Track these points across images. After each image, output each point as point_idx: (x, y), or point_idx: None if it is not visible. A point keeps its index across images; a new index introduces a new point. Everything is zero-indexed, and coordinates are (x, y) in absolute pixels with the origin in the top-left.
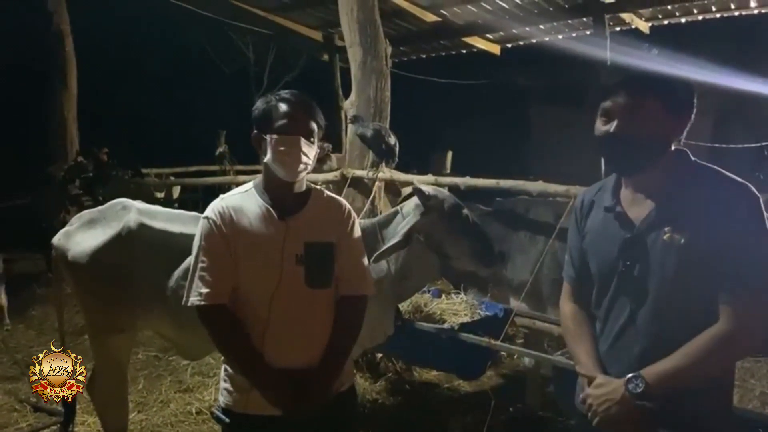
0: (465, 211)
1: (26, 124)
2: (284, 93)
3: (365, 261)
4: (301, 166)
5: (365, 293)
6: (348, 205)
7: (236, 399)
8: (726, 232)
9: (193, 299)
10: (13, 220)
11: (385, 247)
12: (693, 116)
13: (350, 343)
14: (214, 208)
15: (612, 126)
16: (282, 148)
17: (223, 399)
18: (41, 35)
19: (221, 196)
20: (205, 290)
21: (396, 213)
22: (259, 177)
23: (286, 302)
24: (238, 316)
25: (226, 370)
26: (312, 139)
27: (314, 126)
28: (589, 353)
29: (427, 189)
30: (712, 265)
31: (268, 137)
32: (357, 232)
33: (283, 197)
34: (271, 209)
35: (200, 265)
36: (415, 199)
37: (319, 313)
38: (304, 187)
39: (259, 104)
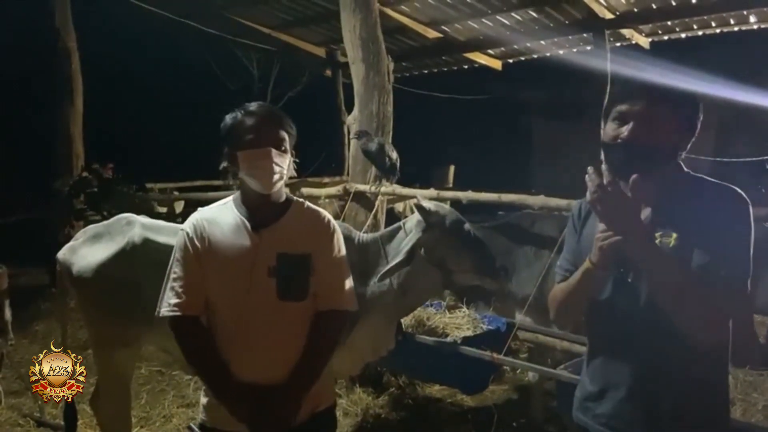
0: (466, 225)
1: (32, 140)
2: (249, 106)
3: (347, 275)
4: (276, 177)
5: (344, 308)
6: (330, 218)
7: (209, 415)
8: (715, 232)
9: (164, 310)
10: (18, 234)
11: (389, 266)
12: (697, 134)
13: (323, 360)
14: (189, 221)
15: (626, 130)
16: (254, 162)
17: (200, 414)
18: (48, 51)
19: (199, 209)
20: (175, 301)
21: (399, 228)
22: (239, 191)
23: (254, 315)
24: (208, 328)
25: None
26: (283, 148)
27: (283, 134)
28: None
29: (429, 205)
30: (700, 265)
31: (239, 154)
32: (338, 246)
33: (259, 209)
34: (246, 221)
35: (173, 276)
36: (416, 215)
37: (291, 328)
38: (283, 198)
39: (227, 120)
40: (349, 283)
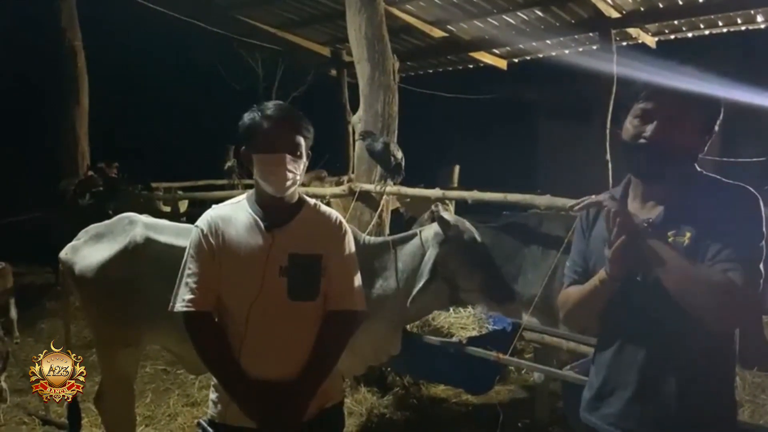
0: (483, 246)
1: (38, 139)
2: (268, 108)
3: (356, 277)
4: (288, 183)
5: (353, 309)
6: (341, 219)
7: (219, 410)
8: (728, 232)
9: (178, 305)
10: (24, 233)
11: (417, 288)
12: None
13: (332, 360)
14: (204, 218)
15: (650, 128)
16: (268, 167)
17: (209, 410)
18: (54, 51)
19: (213, 206)
20: (189, 297)
21: (415, 235)
22: (253, 189)
23: (265, 313)
24: (220, 325)
25: (214, 380)
26: (298, 153)
27: (299, 139)
28: None
29: (449, 218)
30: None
31: (254, 156)
32: (349, 247)
33: (272, 208)
34: (259, 220)
35: (187, 272)
36: (434, 227)
37: (302, 327)
38: (295, 198)
39: (245, 119)
40: (359, 284)
